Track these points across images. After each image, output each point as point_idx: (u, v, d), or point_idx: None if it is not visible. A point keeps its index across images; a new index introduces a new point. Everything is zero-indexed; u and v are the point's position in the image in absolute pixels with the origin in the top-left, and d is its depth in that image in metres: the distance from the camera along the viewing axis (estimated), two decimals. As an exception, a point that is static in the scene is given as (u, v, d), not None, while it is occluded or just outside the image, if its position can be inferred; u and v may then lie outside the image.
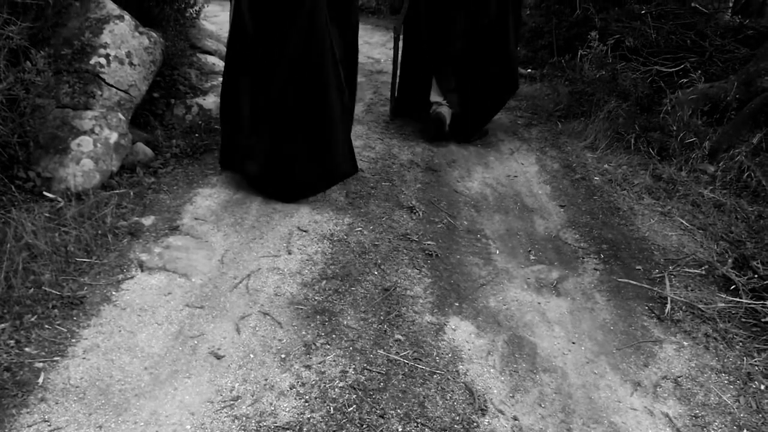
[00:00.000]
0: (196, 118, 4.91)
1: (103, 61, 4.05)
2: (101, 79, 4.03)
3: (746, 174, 4.54)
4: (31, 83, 3.46)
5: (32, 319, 2.68)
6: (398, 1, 12.21)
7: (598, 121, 5.51)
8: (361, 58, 8.55)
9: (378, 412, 2.36)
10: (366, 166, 4.58)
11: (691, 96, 5.56)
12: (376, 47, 9.61)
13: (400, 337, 2.78)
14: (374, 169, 4.56)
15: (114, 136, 3.91)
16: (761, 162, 4.68)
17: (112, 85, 4.06)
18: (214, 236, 3.49)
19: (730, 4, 8.62)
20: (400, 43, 5.46)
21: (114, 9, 4.29)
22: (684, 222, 4.06)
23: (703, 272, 3.48)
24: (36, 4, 3.83)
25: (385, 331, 2.81)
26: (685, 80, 5.99)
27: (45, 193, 3.59)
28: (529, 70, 7.72)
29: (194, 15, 6.53)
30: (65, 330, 2.66)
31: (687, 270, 3.50)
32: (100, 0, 4.27)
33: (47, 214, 3.39)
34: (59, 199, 3.56)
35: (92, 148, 3.80)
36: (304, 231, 3.62)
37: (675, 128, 5.06)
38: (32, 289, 2.84)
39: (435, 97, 5.26)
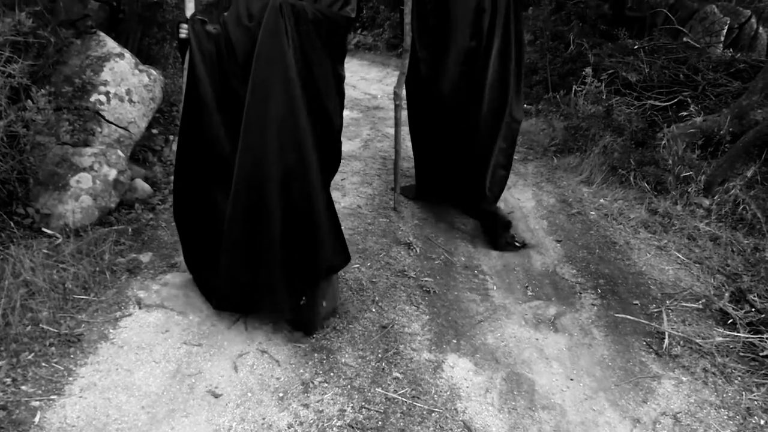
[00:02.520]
0: (194, 153, 4.93)
1: (103, 98, 4.10)
2: (101, 116, 4.07)
3: (741, 207, 4.56)
4: (31, 121, 3.50)
5: (29, 357, 2.68)
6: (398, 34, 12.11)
7: (593, 155, 5.56)
8: (357, 94, 8.70)
9: (376, 451, 2.34)
10: (363, 203, 4.61)
11: (685, 130, 5.61)
12: (372, 83, 9.71)
13: (398, 374, 2.77)
14: (372, 205, 4.58)
15: (113, 173, 3.93)
16: (756, 195, 4.71)
17: (111, 122, 4.10)
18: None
19: (722, 38, 8.73)
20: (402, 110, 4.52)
21: (114, 47, 4.34)
22: (680, 256, 4.07)
23: (701, 306, 3.49)
24: (37, 43, 3.88)
25: (383, 368, 2.80)
26: (679, 114, 6.06)
27: (44, 229, 3.61)
28: (524, 106, 7.80)
29: (193, 52, 6.56)
30: (62, 368, 2.65)
31: (684, 304, 3.50)
32: (101, 38, 4.33)
33: (46, 251, 3.40)
34: (58, 235, 3.57)
35: (91, 184, 3.83)
36: (302, 267, 3.63)
37: (670, 162, 5.10)
38: (30, 327, 2.84)
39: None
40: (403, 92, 4.42)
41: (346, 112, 7.50)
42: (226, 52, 2.77)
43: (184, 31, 2.75)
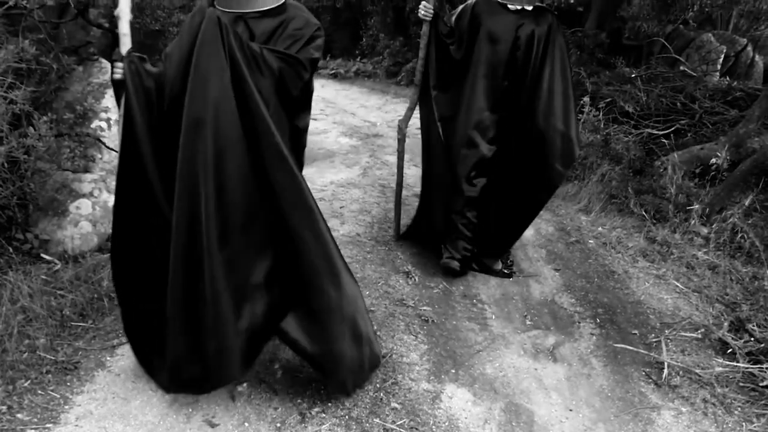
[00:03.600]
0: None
1: (104, 124, 4.12)
2: (102, 142, 4.09)
3: (739, 235, 4.58)
4: (32, 147, 3.51)
5: (25, 384, 2.67)
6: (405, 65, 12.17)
7: (591, 184, 5.59)
8: (357, 122, 8.76)
9: (374, 483, 2.32)
10: (362, 231, 4.61)
11: (682, 158, 5.65)
12: (372, 111, 9.78)
13: (396, 405, 2.76)
14: (370, 234, 4.59)
15: (112, 199, 3.94)
16: (754, 223, 4.73)
17: (112, 149, 4.12)
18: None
19: (718, 67, 8.82)
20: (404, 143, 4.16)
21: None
22: (679, 285, 4.07)
23: (700, 336, 3.48)
24: (40, 69, 3.91)
25: (381, 399, 2.79)
26: (677, 142, 6.10)
27: (42, 255, 3.61)
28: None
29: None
30: (58, 396, 2.64)
31: (683, 334, 3.49)
32: (103, 65, 4.36)
33: (44, 277, 3.40)
34: (56, 261, 3.58)
35: (91, 210, 3.84)
36: (301, 295, 3.62)
37: (668, 191, 5.12)
38: (27, 354, 2.83)
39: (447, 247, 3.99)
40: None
41: (345, 140, 7.61)
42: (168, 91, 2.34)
43: (119, 72, 2.28)
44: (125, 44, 2.28)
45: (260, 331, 2.53)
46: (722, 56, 8.83)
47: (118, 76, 2.29)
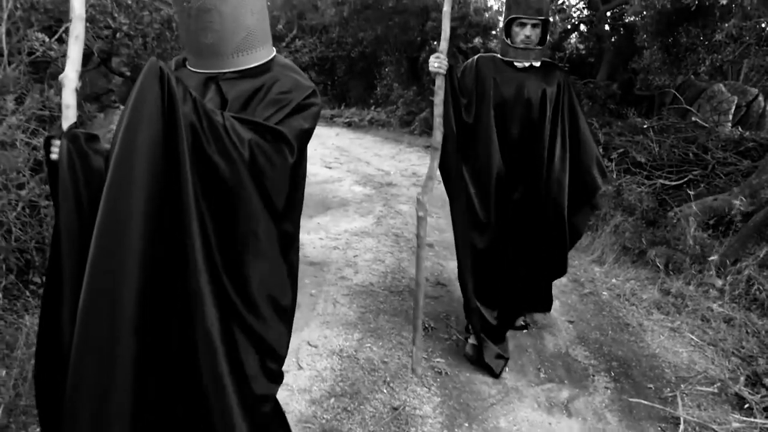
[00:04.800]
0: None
1: (123, 175, 4.18)
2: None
3: (754, 287, 4.54)
4: (52, 192, 3.58)
5: (38, 430, 2.67)
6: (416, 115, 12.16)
7: (605, 235, 5.60)
8: (371, 170, 8.86)
9: None
10: (376, 280, 4.63)
11: (695, 209, 5.65)
12: (385, 159, 9.88)
13: (409, 459, 2.74)
14: (384, 284, 4.61)
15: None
16: (769, 275, 4.70)
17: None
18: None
19: (730, 117, 8.87)
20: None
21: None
22: (694, 338, 4.04)
23: (716, 390, 3.44)
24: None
25: (394, 452, 2.77)
26: (690, 193, 6.11)
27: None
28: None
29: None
30: (72, 448, 2.64)
31: (699, 388, 3.46)
32: (124, 114, 4.47)
33: (60, 324, 3.43)
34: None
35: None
36: (314, 346, 3.64)
37: (681, 242, 5.12)
38: (41, 403, 2.84)
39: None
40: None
41: (359, 188, 7.69)
42: None
43: (55, 152, 1.70)
44: (68, 118, 1.70)
45: None
46: (734, 106, 8.90)
47: (53, 156, 1.70)
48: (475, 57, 3.47)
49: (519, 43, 3.21)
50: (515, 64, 3.29)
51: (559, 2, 13.43)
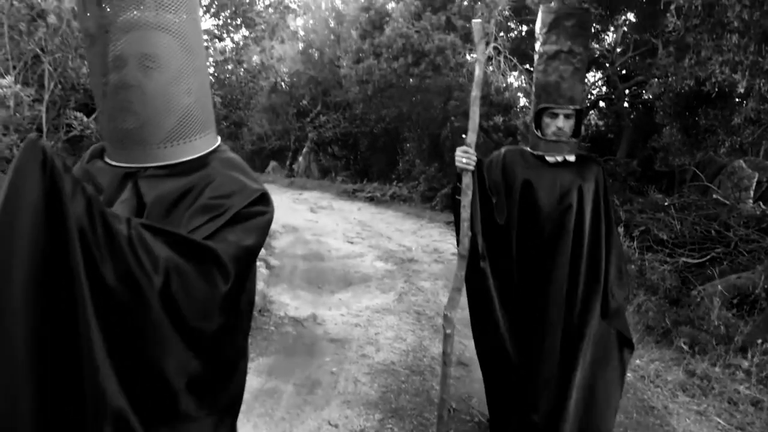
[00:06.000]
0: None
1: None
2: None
3: (782, 369, 4.48)
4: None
5: None
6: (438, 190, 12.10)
7: (628, 315, 5.52)
8: (392, 246, 8.93)
9: None
10: (397, 359, 4.63)
11: (719, 288, 5.62)
12: (407, 235, 9.96)
13: None
14: (405, 362, 4.60)
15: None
16: (797, 357, 4.63)
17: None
18: (243, 427, 3.51)
19: (751, 194, 8.88)
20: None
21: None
22: (721, 422, 3.97)
23: (745, 478, 3.36)
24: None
25: None
26: (713, 271, 6.09)
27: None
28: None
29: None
30: None
31: (728, 476, 3.38)
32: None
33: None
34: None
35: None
36: (334, 426, 3.63)
37: (706, 322, 5.07)
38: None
39: None
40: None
41: (381, 264, 7.75)
42: None
43: None
44: None
45: None
46: (755, 182, 8.93)
47: None
48: (502, 151, 3.09)
49: (550, 136, 2.82)
50: (547, 158, 2.88)
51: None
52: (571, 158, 2.88)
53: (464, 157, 2.72)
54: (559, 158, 2.86)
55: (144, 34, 1.37)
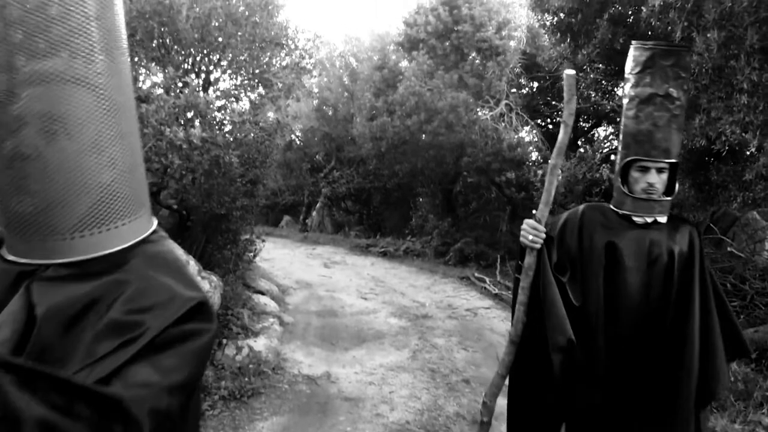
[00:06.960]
0: (246, 359, 5.15)
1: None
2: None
3: (804, 426, 4.40)
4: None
5: None
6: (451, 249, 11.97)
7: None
8: (406, 302, 8.92)
9: None
10: (412, 418, 4.60)
11: (736, 343, 5.55)
12: (420, 290, 9.94)
13: None
14: (420, 422, 4.57)
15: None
16: (818, 413, 4.55)
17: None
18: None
19: (766, 245, 8.82)
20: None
21: (181, 255, 4.71)
22: (743, 481, 3.90)
23: None
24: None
25: None
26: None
27: None
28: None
29: (251, 258, 7.05)
30: None
31: None
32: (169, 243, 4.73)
33: None
34: None
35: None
36: (349, 487, 3.60)
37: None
38: None
39: None
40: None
41: (394, 320, 7.73)
42: None
43: None
44: None
45: None
46: (769, 234, 8.87)
47: None
48: (580, 209, 2.60)
49: (640, 193, 2.41)
50: (634, 219, 2.45)
51: (589, 135, 13.87)
52: (662, 219, 2.46)
53: (531, 233, 2.36)
54: (649, 219, 2.44)
55: (49, 88, 1.02)
